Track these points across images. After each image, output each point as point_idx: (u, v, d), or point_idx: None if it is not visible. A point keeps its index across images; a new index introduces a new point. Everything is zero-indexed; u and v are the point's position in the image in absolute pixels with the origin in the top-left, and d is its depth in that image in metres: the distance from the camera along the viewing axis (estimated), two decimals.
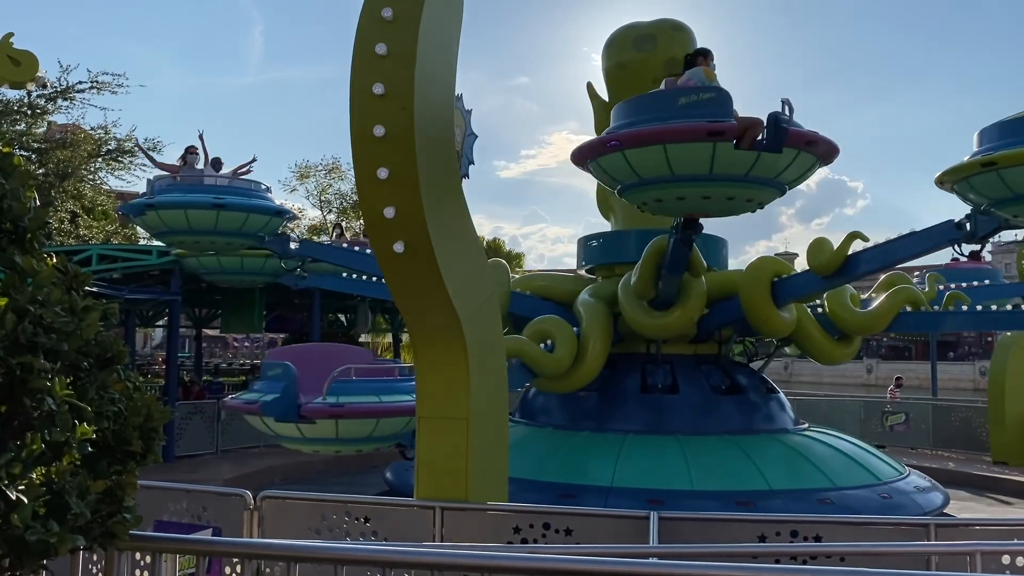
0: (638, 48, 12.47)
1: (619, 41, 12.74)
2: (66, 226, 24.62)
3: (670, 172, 7.40)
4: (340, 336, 23.76)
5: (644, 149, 7.39)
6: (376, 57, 5.12)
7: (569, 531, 5.44)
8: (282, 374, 9.35)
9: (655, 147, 7.29)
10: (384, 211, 5.24)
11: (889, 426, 17.85)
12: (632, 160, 7.56)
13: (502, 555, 3.23)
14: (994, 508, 12.65)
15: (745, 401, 11.36)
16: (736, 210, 8.21)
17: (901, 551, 4.86)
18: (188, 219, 11.08)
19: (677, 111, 7.32)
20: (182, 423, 15.11)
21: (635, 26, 12.78)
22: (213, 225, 11.15)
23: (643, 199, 8.17)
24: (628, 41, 12.61)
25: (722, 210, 8.23)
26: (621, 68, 12.61)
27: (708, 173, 7.34)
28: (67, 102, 24.12)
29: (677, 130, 7.18)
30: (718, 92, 7.33)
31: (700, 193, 7.74)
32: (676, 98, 7.45)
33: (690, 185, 7.63)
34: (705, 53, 8.11)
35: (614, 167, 7.87)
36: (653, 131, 7.24)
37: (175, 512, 5.87)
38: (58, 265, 2.89)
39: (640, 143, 7.39)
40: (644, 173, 7.63)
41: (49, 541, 2.39)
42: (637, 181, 7.82)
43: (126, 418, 2.82)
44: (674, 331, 10.76)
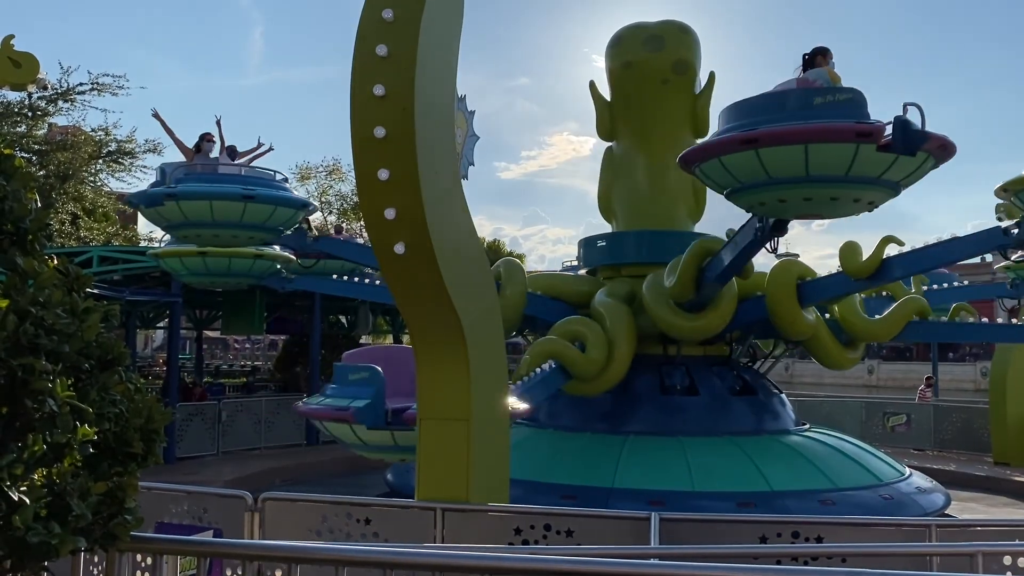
0: (648, 48, 12.45)
1: (627, 40, 12.68)
2: (67, 228, 24.65)
3: (805, 173, 7.20)
4: (341, 338, 23.77)
5: (782, 148, 7.17)
6: (377, 58, 5.12)
7: (570, 532, 5.43)
8: (369, 378, 8.64)
9: (796, 147, 7.10)
10: (385, 212, 5.25)
11: (890, 427, 17.84)
12: (766, 159, 7.28)
13: (503, 556, 3.22)
14: (995, 509, 12.63)
15: (746, 402, 11.37)
16: (852, 211, 8.04)
17: (902, 552, 4.85)
18: (213, 211, 10.26)
19: (815, 111, 7.17)
20: (183, 424, 15.11)
21: (643, 26, 12.77)
22: (239, 218, 10.37)
23: (761, 200, 7.86)
24: (637, 40, 12.57)
25: (841, 212, 8.07)
26: (627, 67, 12.57)
27: (844, 175, 7.17)
28: (68, 104, 24.17)
29: (824, 130, 7.00)
30: (854, 93, 7.23)
31: (829, 194, 7.55)
32: (810, 98, 7.30)
33: (822, 186, 7.43)
34: (824, 52, 7.95)
35: (741, 166, 7.56)
36: (798, 130, 7.06)
37: (176, 514, 5.87)
38: (59, 267, 2.89)
39: (782, 142, 7.17)
40: (776, 173, 7.35)
41: (50, 542, 2.39)
42: (764, 181, 7.50)
43: (127, 420, 2.82)
44: (707, 333, 10.80)
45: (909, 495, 9.99)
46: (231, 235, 10.80)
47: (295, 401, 17.57)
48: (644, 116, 12.70)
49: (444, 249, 5.39)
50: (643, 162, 12.73)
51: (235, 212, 10.30)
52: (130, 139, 26.27)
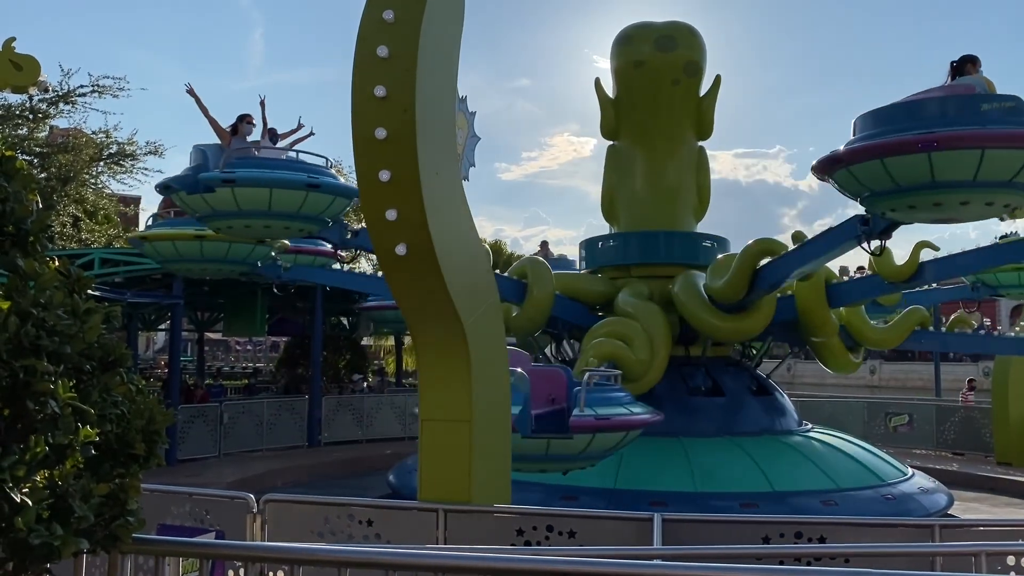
0: (660, 48, 12.45)
1: (637, 39, 12.66)
2: (68, 230, 24.65)
3: (973, 177, 7.22)
4: (342, 339, 23.78)
5: (955, 152, 7.19)
6: (378, 59, 5.12)
7: (572, 533, 5.43)
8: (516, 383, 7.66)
9: (971, 151, 7.12)
10: (386, 213, 5.24)
11: (893, 427, 17.82)
12: (937, 163, 7.27)
13: (505, 557, 3.22)
14: (998, 509, 12.61)
15: (748, 403, 11.37)
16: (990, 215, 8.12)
17: (906, 552, 4.84)
18: (272, 200, 9.45)
19: (983, 117, 7.21)
20: (185, 426, 15.11)
21: (651, 25, 12.79)
22: (297, 208, 9.62)
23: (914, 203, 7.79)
24: (648, 40, 12.57)
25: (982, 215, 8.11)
26: (638, 66, 12.56)
27: (1009, 180, 7.25)
28: (69, 106, 24.16)
29: (1003, 135, 7.06)
30: (1017, 101, 7.30)
31: (986, 199, 7.57)
32: (976, 104, 7.32)
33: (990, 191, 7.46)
34: (973, 60, 7.99)
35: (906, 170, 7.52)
36: (977, 134, 7.11)
37: (178, 515, 5.87)
38: (60, 268, 2.89)
39: (960, 145, 7.18)
40: (944, 176, 7.33)
41: (53, 544, 2.39)
42: (927, 183, 7.46)
43: (129, 421, 2.82)
44: (750, 334, 10.89)
45: (912, 495, 9.98)
46: (262, 225, 10.00)
47: (297, 402, 17.68)
48: (651, 116, 12.70)
49: (445, 250, 5.38)
50: (649, 162, 12.75)
51: (295, 202, 9.59)
52: (131, 141, 26.28)
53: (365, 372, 24.52)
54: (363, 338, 25.97)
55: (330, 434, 17.76)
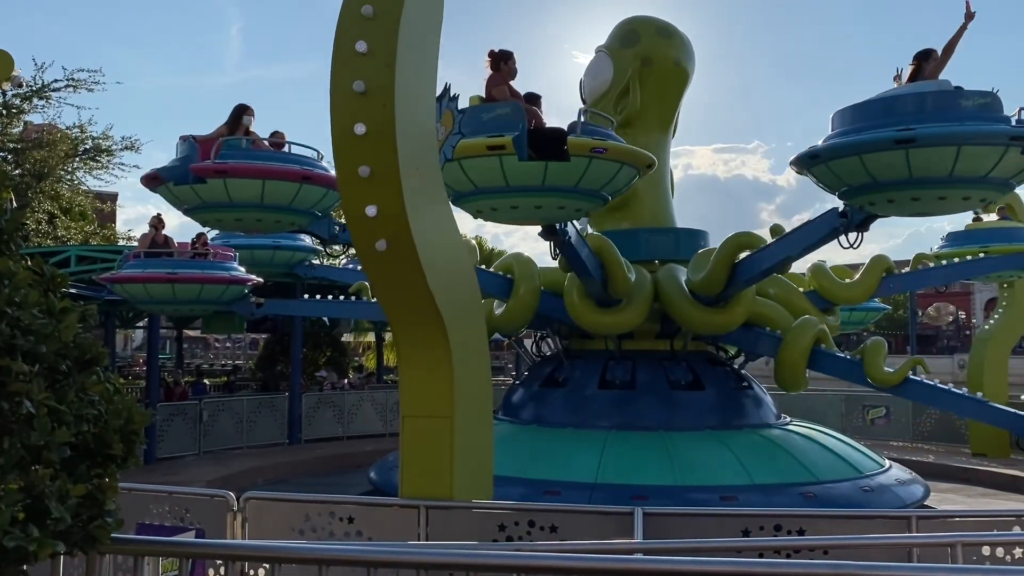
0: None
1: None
2: (43, 227, 24.35)
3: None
4: (323, 336, 23.67)
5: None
6: (356, 55, 5.09)
7: (554, 528, 5.44)
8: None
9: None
10: (366, 209, 5.22)
11: (870, 420, 18.01)
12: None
13: (487, 553, 3.22)
14: (973, 500, 12.79)
15: (727, 396, 11.44)
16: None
17: (883, 543, 4.90)
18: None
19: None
20: (164, 424, 15.00)
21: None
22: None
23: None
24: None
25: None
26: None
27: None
28: (43, 101, 23.86)
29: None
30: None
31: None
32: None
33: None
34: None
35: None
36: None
37: (157, 515, 5.83)
38: (34, 267, 2.85)
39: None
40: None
41: (28, 547, 2.36)
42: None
43: (106, 421, 2.79)
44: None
45: (889, 487, 10.08)
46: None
47: (277, 400, 17.60)
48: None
49: (426, 246, 5.37)
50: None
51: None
52: (107, 136, 25.97)
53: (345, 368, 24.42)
54: (343, 334, 25.87)
55: (311, 431, 17.70)
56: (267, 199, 9.35)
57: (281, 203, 9.48)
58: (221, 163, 9.14)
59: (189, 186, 9.28)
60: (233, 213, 9.63)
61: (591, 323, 10.97)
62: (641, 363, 11.43)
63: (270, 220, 9.87)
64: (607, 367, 11.43)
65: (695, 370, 11.43)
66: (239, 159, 9.34)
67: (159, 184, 9.66)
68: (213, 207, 9.56)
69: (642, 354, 11.58)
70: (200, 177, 9.17)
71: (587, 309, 10.79)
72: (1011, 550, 4.78)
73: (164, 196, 9.86)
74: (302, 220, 10.11)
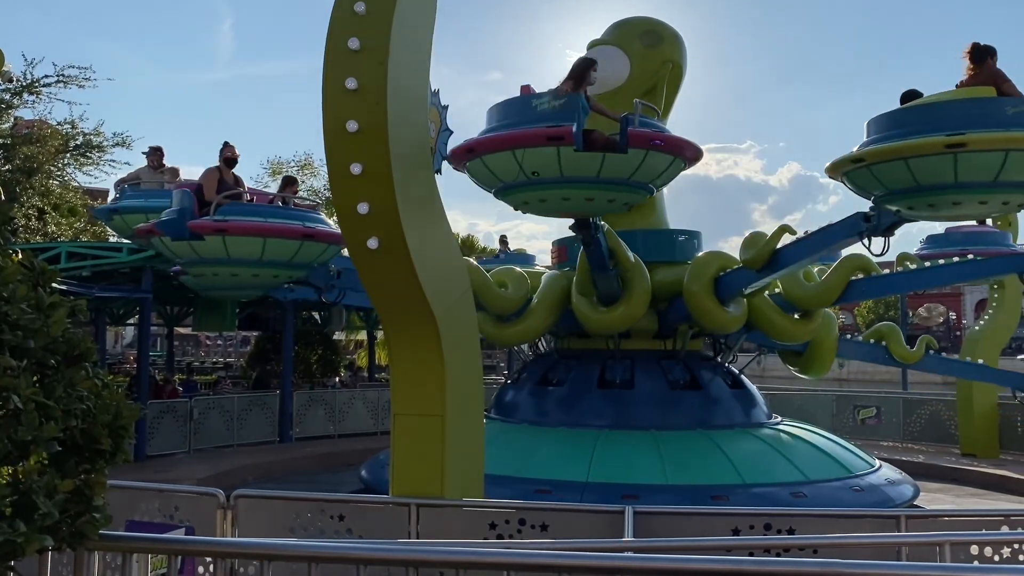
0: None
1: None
2: (33, 223, 24.23)
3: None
4: (315, 334, 23.61)
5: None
6: (349, 52, 5.09)
7: (545, 526, 5.44)
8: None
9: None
10: (358, 207, 5.22)
11: (861, 420, 18.07)
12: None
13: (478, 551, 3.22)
14: (962, 499, 12.84)
15: (718, 396, 11.46)
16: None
17: (872, 542, 4.92)
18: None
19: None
20: (154, 422, 14.94)
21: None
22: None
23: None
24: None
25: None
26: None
27: None
28: (33, 97, 23.74)
29: None
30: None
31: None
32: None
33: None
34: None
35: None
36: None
37: (147, 512, 5.80)
38: (24, 262, 2.84)
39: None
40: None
41: (16, 541, 2.35)
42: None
43: (95, 416, 2.78)
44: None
45: (879, 486, 10.12)
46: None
47: (268, 398, 17.54)
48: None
49: (418, 244, 5.37)
50: None
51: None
52: (98, 132, 25.84)
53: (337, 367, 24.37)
54: (335, 333, 25.81)
55: (302, 429, 17.65)
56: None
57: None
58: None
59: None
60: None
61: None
62: (638, 363, 11.46)
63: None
64: (605, 367, 11.45)
65: (692, 369, 11.46)
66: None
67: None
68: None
69: (638, 354, 11.61)
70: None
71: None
72: (999, 549, 4.80)
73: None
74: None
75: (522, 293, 11.31)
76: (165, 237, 9.30)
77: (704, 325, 11.09)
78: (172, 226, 9.18)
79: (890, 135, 7.85)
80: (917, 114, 7.89)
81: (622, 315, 10.66)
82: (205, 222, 9.03)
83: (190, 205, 9.15)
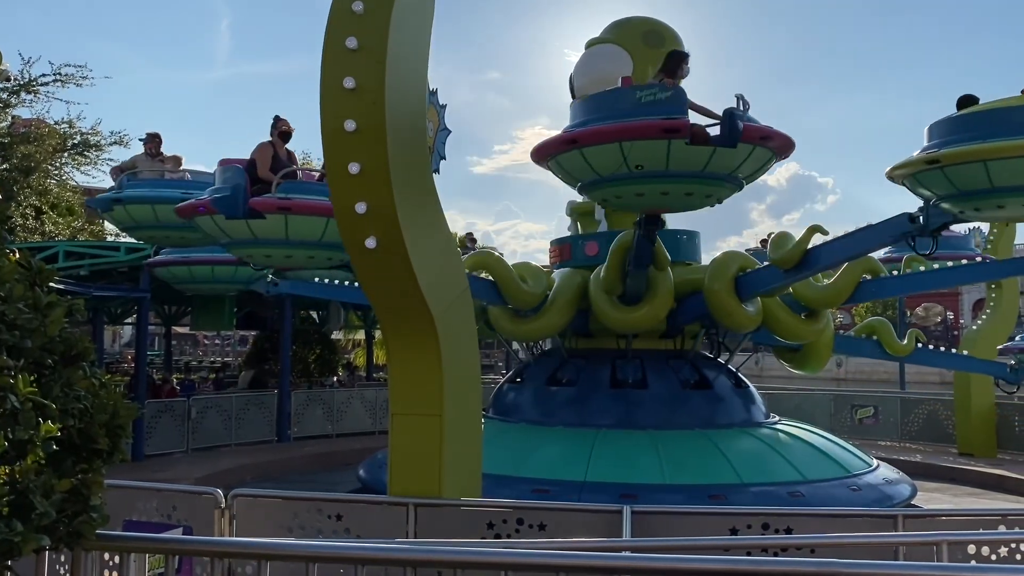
0: None
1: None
2: (31, 223, 24.18)
3: None
4: (313, 334, 23.61)
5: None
6: (347, 51, 5.08)
7: (543, 526, 5.44)
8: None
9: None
10: (356, 206, 5.21)
11: (859, 419, 18.08)
12: None
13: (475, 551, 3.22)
14: (960, 499, 12.86)
15: (716, 395, 11.46)
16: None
17: (870, 542, 4.93)
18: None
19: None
20: (152, 421, 14.93)
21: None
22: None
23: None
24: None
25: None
26: None
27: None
28: (31, 96, 23.69)
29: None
30: None
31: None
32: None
33: None
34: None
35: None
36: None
37: (144, 511, 5.80)
38: (21, 261, 2.83)
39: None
40: None
41: (13, 541, 2.35)
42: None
43: (92, 415, 2.77)
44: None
45: (876, 486, 10.12)
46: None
47: (266, 397, 17.53)
48: None
49: (416, 244, 5.37)
50: None
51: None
52: (95, 131, 25.78)
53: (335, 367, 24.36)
54: (333, 332, 25.80)
55: (300, 429, 17.65)
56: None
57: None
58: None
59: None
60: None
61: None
62: (648, 362, 11.47)
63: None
64: (615, 366, 11.43)
65: (699, 369, 11.48)
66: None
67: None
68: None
69: (648, 353, 11.61)
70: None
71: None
72: (996, 548, 4.81)
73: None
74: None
75: (542, 288, 11.28)
76: (218, 216, 8.68)
77: (724, 324, 11.12)
78: (227, 204, 8.53)
79: (962, 138, 7.80)
80: (991, 117, 7.84)
81: (645, 315, 10.67)
82: (269, 200, 8.39)
83: (244, 182, 8.59)
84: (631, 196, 8.20)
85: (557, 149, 8.17)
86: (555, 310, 11.08)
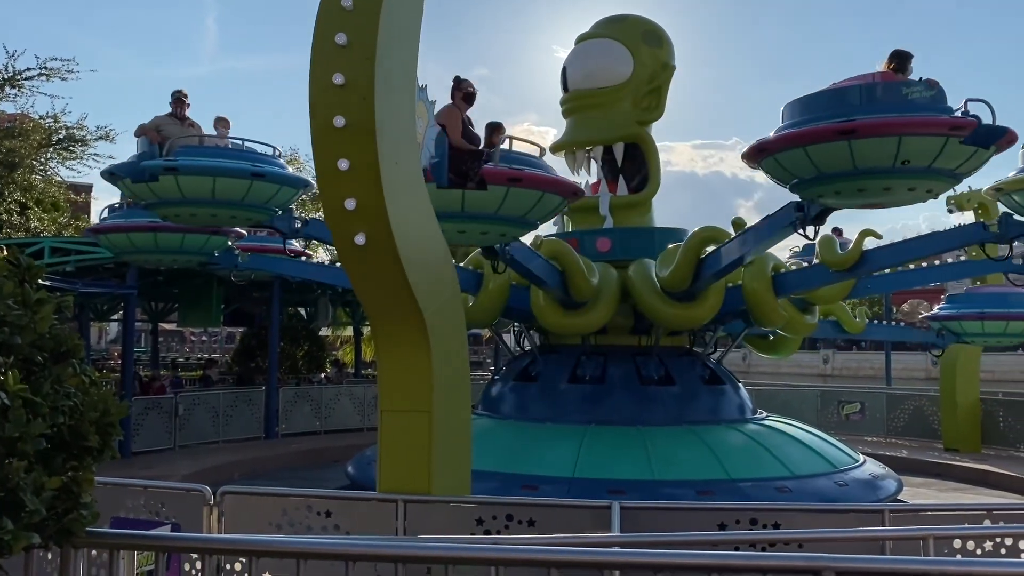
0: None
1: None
2: (16, 218, 23.99)
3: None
4: (301, 330, 23.54)
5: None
6: (336, 47, 5.07)
7: (532, 522, 5.46)
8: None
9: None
10: (345, 203, 5.19)
11: (845, 415, 18.20)
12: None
13: (465, 547, 3.23)
14: (945, 494, 12.96)
15: (704, 391, 11.52)
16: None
17: (857, 536, 4.96)
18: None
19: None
20: (139, 418, 14.85)
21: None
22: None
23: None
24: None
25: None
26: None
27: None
28: (15, 90, 23.48)
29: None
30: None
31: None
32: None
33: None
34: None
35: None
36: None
37: (133, 508, 5.78)
38: (10, 258, 2.82)
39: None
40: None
41: (3, 539, 2.34)
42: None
43: (82, 413, 2.76)
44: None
45: (863, 481, 10.20)
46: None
47: (254, 394, 17.47)
48: None
49: (405, 240, 5.36)
50: None
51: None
52: (80, 125, 25.57)
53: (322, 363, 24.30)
54: (321, 328, 25.73)
55: (288, 425, 17.59)
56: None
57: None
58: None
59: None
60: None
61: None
62: (613, 358, 11.49)
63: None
64: (578, 362, 11.50)
65: (666, 365, 11.48)
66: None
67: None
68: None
69: (615, 349, 11.64)
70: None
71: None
72: (981, 543, 4.86)
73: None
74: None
75: (598, 282, 11.13)
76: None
77: (759, 321, 11.29)
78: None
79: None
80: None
81: (703, 311, 10.87)
82: (501, 169, 8.07)
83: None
84: (852, 192, 8.02)
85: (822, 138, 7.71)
86: (603, 304, 10.93)
